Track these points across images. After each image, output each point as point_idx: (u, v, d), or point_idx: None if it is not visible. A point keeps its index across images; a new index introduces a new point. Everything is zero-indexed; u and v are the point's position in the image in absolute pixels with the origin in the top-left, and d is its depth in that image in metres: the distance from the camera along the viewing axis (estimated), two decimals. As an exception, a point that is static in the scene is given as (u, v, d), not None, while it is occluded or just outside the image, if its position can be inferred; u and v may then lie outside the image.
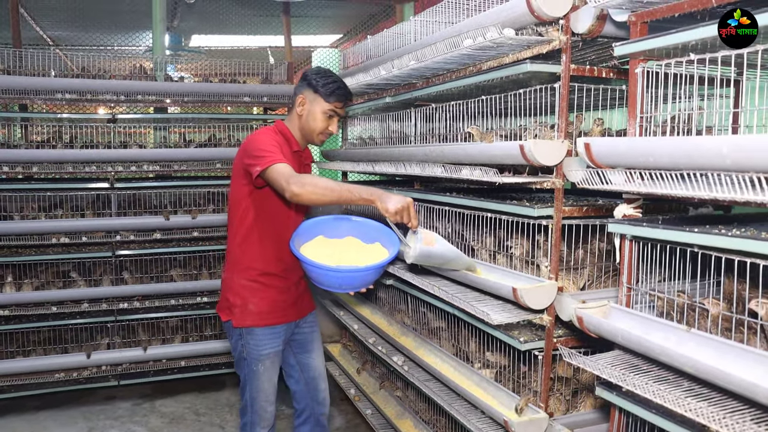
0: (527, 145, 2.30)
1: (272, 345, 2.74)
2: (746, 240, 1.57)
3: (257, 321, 2.70)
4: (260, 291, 2.72)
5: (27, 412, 4.51)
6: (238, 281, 2.73)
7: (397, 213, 2.33)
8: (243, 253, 2.73)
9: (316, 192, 2.34)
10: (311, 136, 2.75)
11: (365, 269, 2.50)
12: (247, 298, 2.71)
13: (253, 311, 2.71)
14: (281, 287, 2.76)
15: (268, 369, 2.75)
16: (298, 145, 2.77)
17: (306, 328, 2.94)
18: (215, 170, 4.95)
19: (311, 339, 2.96)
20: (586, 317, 2.07)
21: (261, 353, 2.71)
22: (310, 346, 2.96)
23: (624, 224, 1.99)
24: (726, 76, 2.16)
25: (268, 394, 2.78)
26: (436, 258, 2.57)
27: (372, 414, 4.07)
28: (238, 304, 2.71)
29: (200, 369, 5.00)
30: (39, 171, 4.49)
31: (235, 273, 2.75)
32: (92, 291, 4.65)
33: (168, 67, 5.36)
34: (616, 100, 2.57)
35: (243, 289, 2.72)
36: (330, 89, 2.67)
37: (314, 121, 2.70)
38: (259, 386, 2.75)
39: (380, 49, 3.85)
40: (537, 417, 2.45)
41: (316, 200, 2.36)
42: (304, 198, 2.33)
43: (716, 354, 1.64)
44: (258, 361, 2.72)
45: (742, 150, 1.45)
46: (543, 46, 2.39)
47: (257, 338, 2.70)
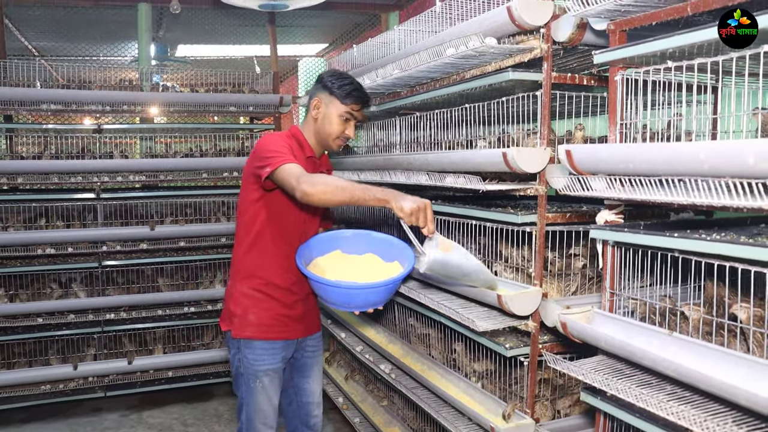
0: (510, 153, 2.31)
1: (271, 361, 2.60)
2: (725, 244, 1.59)
3: (256, 333, 2.58)
4: (263, 302, 2.60)
5: (13, 424, 4.48)
6: (240, 289, 2.62)
7: (413, 214, 2.14)
8: (247, 261, 2.61)
9: (327, 191, 2.20)
10: (327, 140, 2.63)
11: (372, 286, 2.37)
12: (248, 308, 2.59)
13: (253, 322, 2.59)
14: (286, 301, 2.63)
15: (267, 388, 2.60)
16: (312, 151, 2.65)
17: (308, 352, 2.81)
18: (201, 180, 4.95)
19: (312, 364, 2.84)
20: (569, 323, 2.09)
21: (258, 369, 2.58)
22: (309, 371, 2.83)
23: (606, 230, 2.00)
24: (704, 83, 2.19)
25: (266, 416, 2.62)
26: (453, 268, 2.31)
27: (360, 422, 4.07)
28: (239, 313, 2.60)
29: (188, 379, 4.98)
30: (24, 182, 4.48)
31: (238, 281, 2.64)
32: (78, 302, 4.63)
33: (154, 77, 5.35)
34: (598, 107, 2.60)
35: (244, 298, 2.60)
36: (346, 91, 2.57)
37: (330, 124, 2.59)
38: (256, 406, 2.60)
39: (365, 58, 3.87)
40: (523, 423, 2.46)
41: (328, 200, 2.23)
42: (315, 198, 2.21)
43: (697, 357, 1.65)
44: (255, 378, 2.58)
45: (719, 155, 1.48)
46: (525, 55, 2.42)
47: (255, 352, 2.57)
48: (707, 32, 1.64)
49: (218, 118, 5.76)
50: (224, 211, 5.07)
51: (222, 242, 4.95)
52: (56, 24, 6.76)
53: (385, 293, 2.42)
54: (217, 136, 5.16)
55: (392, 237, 2.67)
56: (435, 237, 2.23)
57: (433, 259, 2.22)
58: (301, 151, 2.61)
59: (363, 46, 3.91)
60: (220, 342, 5.11)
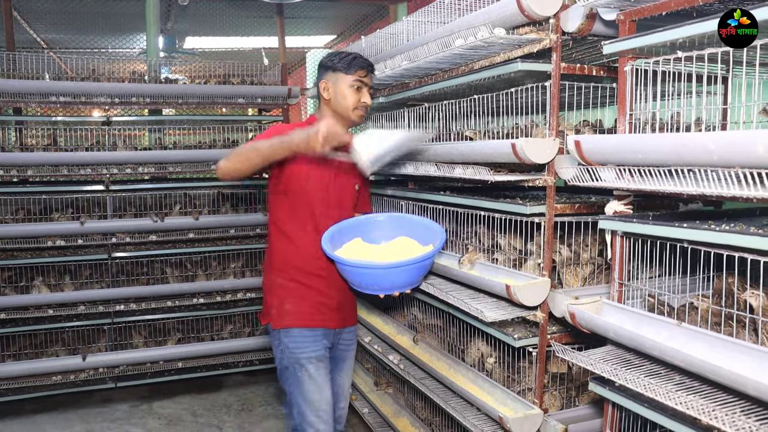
0: (519, 144, 2.31)
1: (313, 348, 2.57)
2: (734, 234, 1.58)
3: (295, 321, 2.57)
4: (298, 290, 2.60)
5: (24, 415, 4.52)
6: (275, 281, 2.63)
7: (325, 142, 2.22)
8: (278, 251, 2.64)
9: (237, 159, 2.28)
10: (347, 114, 2.64)
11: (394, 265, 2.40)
12: (284, 299, 2.60)
13: (291, 311, 2.58)
14: (321, 289, 2.63)
15: (314, 377, 2.54)
16: None
17: (343, 345, 2.81)
18: (210, 171, 4.96)
19: (345, 357, 2.84)
20: (578, 313, 2.09)
21: (301, 356, 2.55)
22: (342, 364, 2.84)
23: (615, 221, 2.01)
24: (714, 73, 2.18)
25: (318, 408, 2.54)
26: (388, 154, 2.43)
27: (369, 413, 4.08)
28: (276, 304, 2.61)
29: (198, 370, 5.00)
30: (34, 174, 4.50)
31: (272, 273, 2.65)
32: (88, 293, 4.66)
33: (163, 69, 5.36)
34: (607, 98, 2.59)
35: (280, 289, 2.61)
36: (347, 62, 2.62)
37: (344, 98, 2.62)
38: (306, 396, 2.54)
39: (373, 50, 3.86)
40: (532, 413, 2.47)
41: (237, 169, 2.29)
42: (225, 172, 2.27)
43: (706, 347, 1.65)
44: (300, 366, 2.54)
45: (728, 146, 1.47)
46: (534, 45, 2.41)
47: (296, 340, 2.56)
48: (717, 22, 1.63)
49: (227, 110, 5.77)
50: (233, 203, 5.09)
51: (231, 233, 4.97)
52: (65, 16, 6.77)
53: (411, 273, 2.45)
54: (225, 128, 5.17)
55: (428, 220, 2.71)
56: (356, 143, 2.36)
57: (367, 161, 2.36)
58: None
59: (371, 37, 3.91)
60: (230, 332, 5.14)
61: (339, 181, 2.70)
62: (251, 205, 5.10)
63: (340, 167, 2.64)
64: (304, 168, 2.58)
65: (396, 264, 2.41)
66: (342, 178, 2.71)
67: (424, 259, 2.45)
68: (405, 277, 2.46)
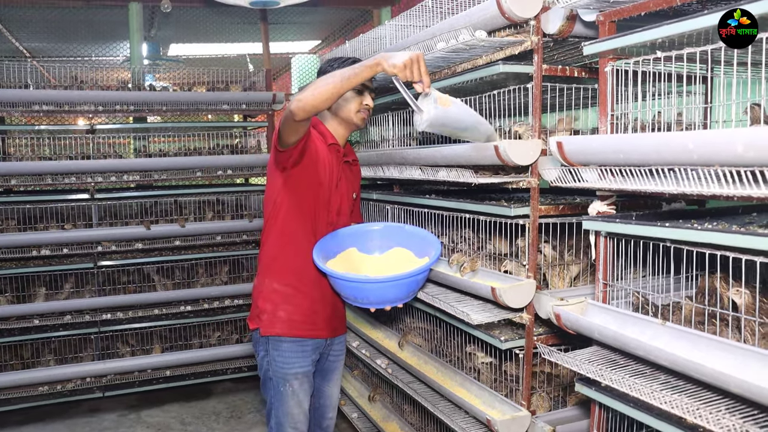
0: (502, 146, 2.32)
1: (301, 364, 2.56)
2: (716, 233, 1.59)
3: (286, 330, 2.53)
4: (294, 297, 2.55)
5: (10, 427, 4.47)
6: (269, 285, 2.57)
7: (407, 67, 2.08)
8: (276, 254, 2.58)
9: (315, 91, 2.12)
10: (350, 117, 2.61)
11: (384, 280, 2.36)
12: (279, 304, 2.54)
13: (283, 318, 2.53)
14: (316, 296, 2.59)
15: (297, 392, 2.56)
16: (334, 139, 2.63)
17: (332, 356, 2.78)
18: (196, 179, 4.94)
19: (335, 368, 2.81)
20: (563, 314, 2.10)
21: (288, 372, 2.54)
22: (331, 375, 2.81)
23: (598, 221, 2.01)
24: (694, 73, 2.19)
25: (296, 421, 2.58)
26: (452, 123, 2.25)
27: (358, 417, 4.07)
28: (268, 309, 2.55)
29: (186, 378, 4.98)
30: (18, 183, 4.46)
31: (267, 277, 2.59)
32: (74, 303, 4.63)
33: (147, 76, 5.34)
34: (589, 99, 2.60)
35: (275, 294, 2.56)
36: (348, 65, 2.52)
37: (347, 102, 2.58)
38: (285, 410, 2.56)
39: (357, 54, 3.86)
40: (519, 415, 2.47)
41: (320, 97, 2.13)
42: (307, 102, 2.11)
43: (690, 346, 1.66)
44: (285, 381, 2.54)
45: (708, 145, 1.48)
46: (515, 47, 2.42)
47: (284, 354, 2.53)
48: (697, 21, 1.64)
49: (212, 117, 5.75)
50: (219, 210, 5.06)
51: (217, 240, 4.95)
52: (47, 25, 6.72)
53: (400, 288, 2.38)
54: (210, 135, 5.15)
55: (425, 231, 2.66)
56: (432, 92, 2.16)
57: (433, 116, 2.15)
58: (323, 139, 2.59)
59: (355, 41, 3.91)
60: (218, 339, 5.11)
61: (341, 187, 2.67)
62: (237, 211, 5.07)
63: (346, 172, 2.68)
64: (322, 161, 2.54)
65: (387, 279, 2.37)
66: (344, 185, 2.69)
67: (417, 273, 2.38)
68: (396, 292, 2.40)
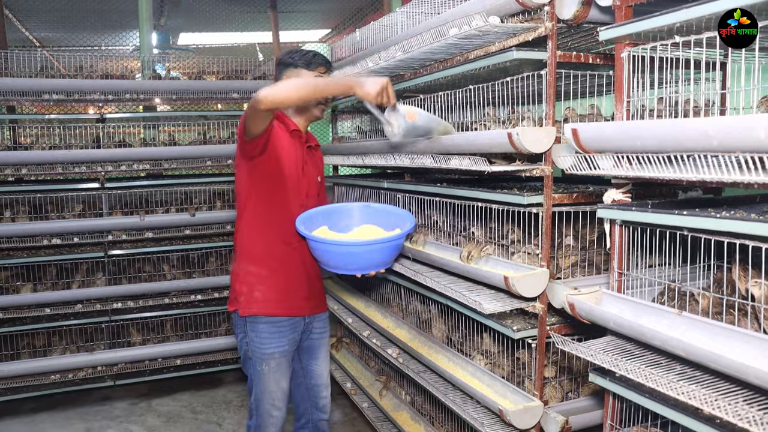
0: (515, 133, 2.28)
1: (277, 344, 2.64)
2: (735, 221, 1.56)
3: (262, 309, 2.62)
4: (269, 278, 2.64)
5: (23, 414, 4.50)
6: (245, 268, 2.67)
7: (378, 95, 2.31)
8: (248, 239, 2.68)
9: (286, 88, 2.31)
10: (309, 110, 2.72)
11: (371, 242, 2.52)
12: (254, 285, 2.63)
13: (259, 298, 2.62)
14: (293, 276, 2.69)
15: (274, 370, 2.65)
16: (296, 125, 2.72)
17: (315, 334, 2.85)
18: (206, 167, 4.93)
19: (319, 345, 2.88)
20: (577, 303, 2.07)
21: (264, 352, 2.62)
22: (317, 352, 2.88)
23: (613, 209, 1.98)
24: (713, 59, 2.15)
25: (274, 398, 2.67)
26: (421, 130, 2.67)
27: (369, 407, 4.07)
28: (245, 291, 2.64)
29: (196, 367, 4.99)
30: (28, 173, 4.47)
31: (242, 260, 2.69)
32: (86, 292, 4.65)
33: (157, 65, 5.32)
34: (604, 86, 2.57)
35: (250, 276, 2.65)
36: (308, 58, 2.70)
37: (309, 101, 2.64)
38: (264, 387, 2.66)
39: (368, 42, 3.83)
40: (532, 405, 2.45)
41: (289, 96, 2.31)
42: (276, 96, 2.25)
43: (707, 336, 1.63)
44: (262, 361, 2.63)
45: (728, 131, 1.45)
46: (529, 33, 2.38)
47: (261, 335, 2.62)
48: (715, 5, 1.60)
49: (222, 106, 5.73)
50: (228, 199, 5.06)
51: (227, 229, 4.95)
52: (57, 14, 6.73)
53: (385, 252, 2.55)
54: (220, 124, 5.13)
55: (395, 208, 2.85)
56: (398, 108, 2.46)
57: (404, 129, 2.51)
58: (284, 126, 2.68)
59: (365, 29, 3.87)
60: (227, 329, 5.11)
61: (307, 170, 2.75)
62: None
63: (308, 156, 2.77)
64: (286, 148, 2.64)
65: (371, 241, 2.53)
66: (309, 168, 2.77)
67: (397, 238, 2.55)
68: (379, 256, 2.55)
